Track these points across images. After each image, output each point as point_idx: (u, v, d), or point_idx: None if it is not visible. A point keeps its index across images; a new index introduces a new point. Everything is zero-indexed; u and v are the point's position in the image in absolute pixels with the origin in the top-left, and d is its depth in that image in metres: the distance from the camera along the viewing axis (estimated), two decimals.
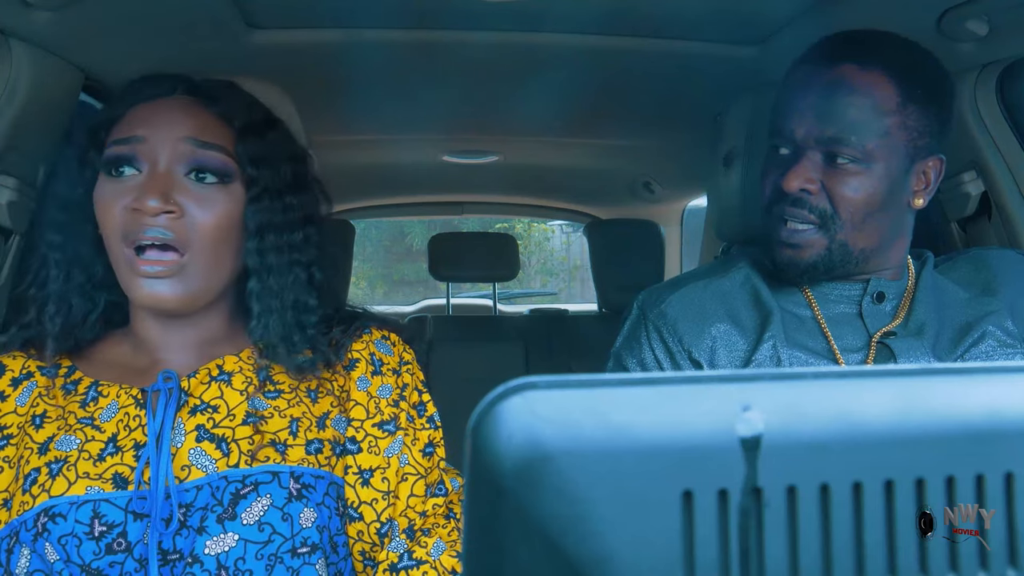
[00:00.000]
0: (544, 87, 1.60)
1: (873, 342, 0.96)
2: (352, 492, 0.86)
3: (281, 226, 0.87)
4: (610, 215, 3.04)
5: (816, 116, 0.91)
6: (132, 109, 0.85)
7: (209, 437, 0.81)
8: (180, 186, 0.82)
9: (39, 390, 0.84)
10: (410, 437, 0.89)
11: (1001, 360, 0.95)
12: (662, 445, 0.31)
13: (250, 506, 0.78)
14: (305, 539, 0.79)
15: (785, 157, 0.94)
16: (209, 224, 0.82)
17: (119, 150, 0.82)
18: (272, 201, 0.87)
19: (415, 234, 9.05)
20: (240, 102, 0.89)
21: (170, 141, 0.82)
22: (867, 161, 0.90)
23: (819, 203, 0.92)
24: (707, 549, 0.31)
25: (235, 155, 0.85)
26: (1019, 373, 0.34)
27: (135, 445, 0.80)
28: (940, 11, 1.10)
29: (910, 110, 0.91)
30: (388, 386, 0.91)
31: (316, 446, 0.84)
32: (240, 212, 0.85)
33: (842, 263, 0.94)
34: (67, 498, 0.76)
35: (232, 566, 0.76)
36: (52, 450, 0.79)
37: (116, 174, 0.82)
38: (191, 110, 0.85)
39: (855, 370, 0.34)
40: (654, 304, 1.02)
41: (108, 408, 0.82)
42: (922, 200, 0.96)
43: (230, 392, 0.84)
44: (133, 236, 0.79)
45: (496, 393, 0.31)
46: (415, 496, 0.88)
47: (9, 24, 1.03)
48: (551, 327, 2.45)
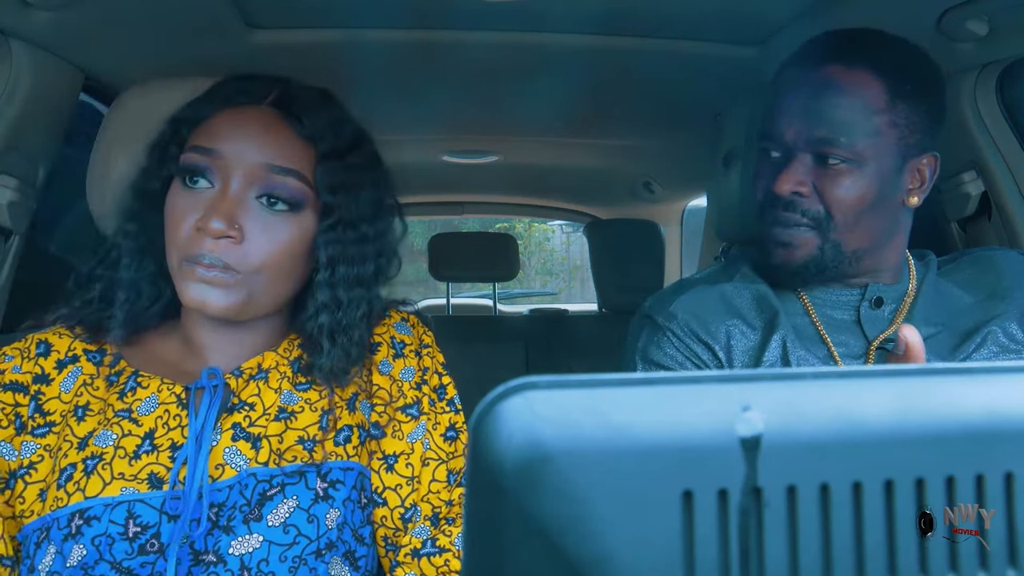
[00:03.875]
0: (544, 87, 1.60)
1: (872, 348, 0.95)
2: (377, 478, 0.86)
3: (354, 259, 0.85)
4: (610, 215, 3.04)
5: (805, 118, 0.90)
6: (218, 113, 0.83)
7: (245, 436, 0.80)
8: (248, 209, 0.79)
9: (83, 377, 0.83)
10: (431, 421, 0.89)
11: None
12: (662, 445, 0.31)
13: (276, 508, 0.78)
14: (330, 540, 0.79)
15: (776, 160, 0.94)
16: (271, 252, 0.80)
17: (197, 159, 0.80)
18: (346, 231, 0.84)
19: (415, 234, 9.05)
20: (329, 122, 0.85)
21: (246, 163, 0.79)
22: (858, 161, 0.89)
23: (811, 206, 0.92)
24: (707, 549, 0.31)
25: (313, 181, 0.83)
26: (1019, 373, 0.34)
27: (172, 445, 0.79)
28: (940, 11, 1.10)
29: (900, 108, 0.90)
30: (411, 368, 0.90)
31: (345, 434, 0.84)
32: (308, 240, 0.83)
33: (834, 263, 0.93)
34: (102, 500, 0.75)
35: (255, 567, 0.76)
36: (90, 445, 0.78)
37: (190, 183, 0.80)
38: (275, 129, 0.82)
39: (855, 370, 0.34)
40: (661, 308, 1.01)
41: (147, 401, 0.81)
42: (917, 198, 0.95)
43: (266, 390, 0.84)
44: (191, 255, 0.78)
45: (496, 393, 0.31)
46: (437, 481, 0.87)
47: (9, 24, 1.03)
48: (551, 327, 2.45)
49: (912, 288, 0.99)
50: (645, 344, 1.02)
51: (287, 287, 0.84)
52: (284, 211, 0.81)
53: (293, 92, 0.86)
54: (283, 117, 0.83)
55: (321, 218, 0.83)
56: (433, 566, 0.84)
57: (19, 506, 0.78)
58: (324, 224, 0.83)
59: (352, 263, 0.85)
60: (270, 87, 0.85)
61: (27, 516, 0.78)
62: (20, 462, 0.79)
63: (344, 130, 0.87)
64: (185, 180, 0.80)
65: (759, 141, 0.97)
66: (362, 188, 0.86)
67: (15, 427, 0.80)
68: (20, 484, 0.78)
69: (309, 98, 0.86)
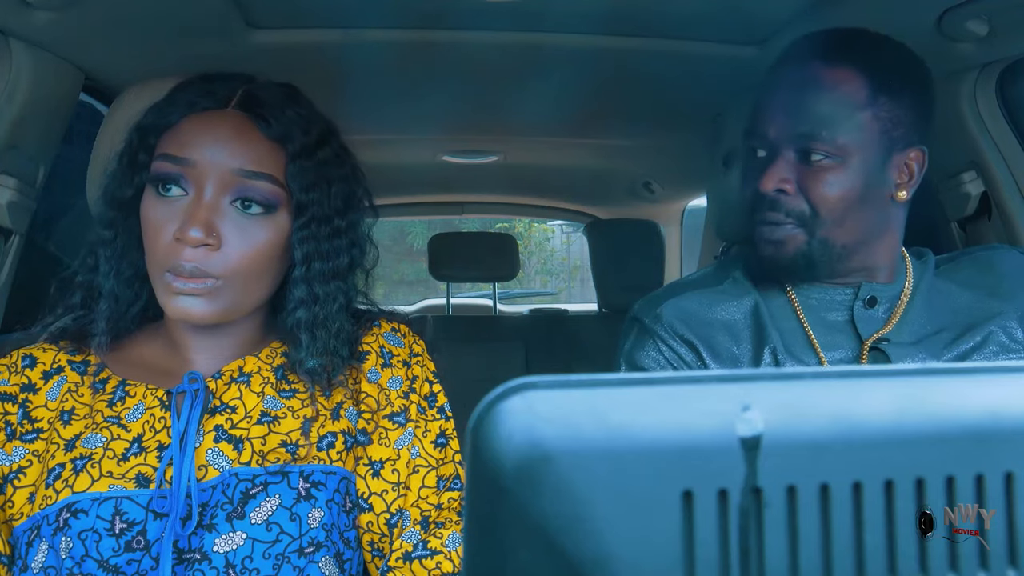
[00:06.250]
0: (544, 87, 1.60)
1: (865, 349, 0.95)
2: (363, 484, 0.87)
3: (328, 253, 0.86)
4: (610, 215, 3.04)
5: (787, 115, 0.91)
6: (184, 120, 0.83)
7: (227, 438, 0.82)
8: (223, 214, 0.80)
9: (68, 386, 0.84)
10: (421, 429, 0.90)
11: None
12: (662, 445, 0.31)
13: (259, 505, 0.79)
14: (313, 539, 0.80)
15: (761, 159, 0.95)
16: (248, 255, 0.81)
17: (169, 168, 0.80)
18: (320, 227, 0.85)
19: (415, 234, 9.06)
20: (296, 120, 0.85)
21: (219, 169, 0.80)
22: (841, 156, 0.90)
23: (795, 204, 0.92)
24: (707, 549, 0.31)
25: (285, 182, 0.83)
26: (1019, 373, 0.34)
27: (159, 446, 0.80)
28: (940, 11, 1.10)
29: (882, 102, 0.90)
30: (398, 378, 0.91)
31: (328, 440, 0.85)
32: (283, 240, 0.84)
33: (824, 260, 0.93)
34: (90, 494, 0.77)
35: (239, 564, 0.77)
36: (78, 447, 0.80)
37: (163, 191, 0.81)
38: (244, 133, 0.82)
39: (855, 370, 0.34)
40: (648, 311, 1.02)
41: (135, 409, 0.83)
42: (905, 193, 0.95)
43: (248, 394, 0.85)
44: (171, 266, 0.79)
45: (496, 393, 0.31)
46: (427, 487, 0.88)
47: (9, 24, 1.03)
48: (551, 327, 2.45)
49: (908, 288, 0.98)
50: (631, 347, 1.03)
51: (266, 286, 0.85)
52: (259, 214, 0.82)
53: (258, 92, 0.86)
54: (251, 119, 0.83)
55: (295, 217, 0.84)
56: (425, 568, 0.85)
57: (8, 510, 0.79)
58: (298, 222, 0.84)
59: (327, 258, 0.86)
60: (233, 88, 0.85)
61: (16, 519, 0.79)
62: (11, 467, 0.80)
63: (312, 127, 0.87)
64: (158, 188, 0.81)
65: (745, 140, 0.98)
66: (333, 183, 0.87)
67: (5, 434, 0.81)
68: (10, 488, 0.80)
69: (274, 97, 0.86)
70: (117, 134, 0.89)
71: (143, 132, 0.85)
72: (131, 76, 1.18)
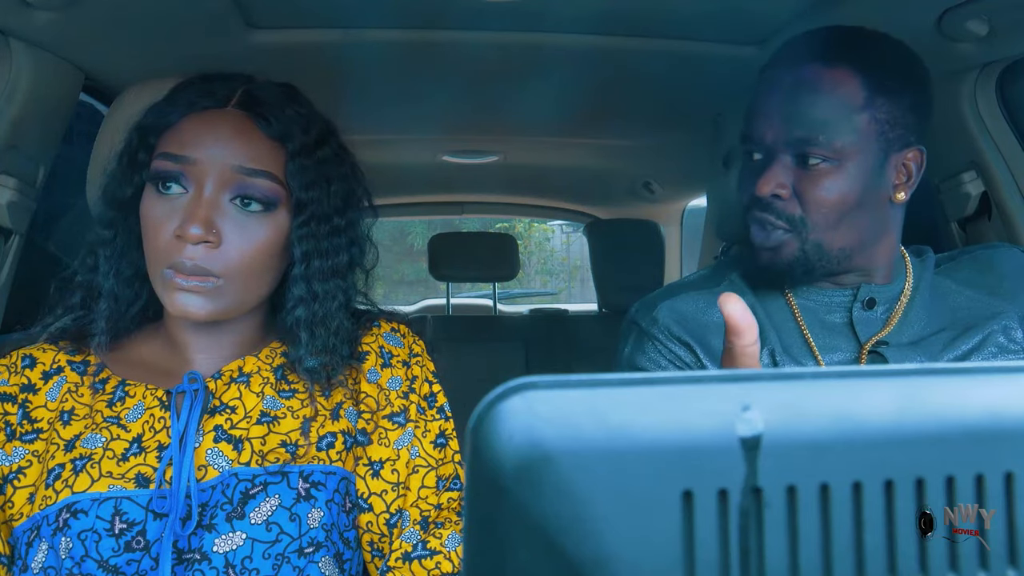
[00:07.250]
0: (544, 87, 1.60)
1: (864, 351, 0.94)
2: (362, 484, 0.87)
3: (327, 252, 0.86)
4: (610, 215, 3.04)
5: (783, 118, 0.90)
6: (184, 119, 0.83)
7: (227, 438, 0.82)
8: (223, 211, 0.80)
9: (68, 386, 0.84)
10: (420, 429, 0.90)
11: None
12: (662, 445, 0.31)
13: (259, 506, 0.79)
14: (312, 539, 0.80)
15: (758, 162, 0.94)
16: (248, 252, 0.81)
17: (168, 167, 0.81)
18: (320, 226, 0.85)
19: (415, 234, 9.06)
20: (296, 119, 0.86)
21: (218, 167, 0.80)
22: (838, 159, 0.89)
23: (788, 208, 0.91)
24: (707, 549, 0.31)
25: (284, 180, 0.84)
26: (1019, 373, 0.34)
27: (159, 446, 0.81)
28: (940, 11, 1.10)
29: (879, 103, 0.89)
30: (398, 378, 0.91)
31: (328, 441, 0.85)
32: (283, 238, 0.84)
33: (821, 263, 0.93)
34: (89, 495, 0.77)
35: (239, 564, 0.77)
36: (78, 447, 0.80)
37: (163, 189, 0.81)
38: (244, 131, 0.82)
39: (855, 370, 0.34)
40: (645, 314, 1.02)
41: (134, 409, 0.83)
42: (903, 194, 0.94)
43: (248, 394, 0.85)
44: (172, 264, 0.79)
45: (496, 393, 0.31)
46: (426, 488, 0.88)
47: (9, 24, 1.03)
48: (551, 327, 2.45)
49: (908, 288, 0.97)
50: (631, 351, 1.02)
51: (265, 284, 0.85)
52: (258, 211, 0.82)
53: (257, 92, 0.86)
54: (251, 118, 0.84)
55: (294, 215, 0.85)
56: (424, 568, 0.85)
57: (8, 510, 0.80)
58: (298, 220, 0.85)
59: (326, 256, 0.86)
60: (233, 88, 0.85)
61: (16, 519, 0.79)
62: (11, 467, 0.80)
63: (311, 126, 0.87)
64: (158, 186, 0.81)
65: (741, 144, 0.97)
66: (332, 182, 0.87)
67: (5, 434, 0.81)
68: (9, 489, 0.80)
69: (274, 97, 0.86)
70: (117, 134, 0.89)
71: (143, 132, 0.85)
72: (131, 76, 1.18)
